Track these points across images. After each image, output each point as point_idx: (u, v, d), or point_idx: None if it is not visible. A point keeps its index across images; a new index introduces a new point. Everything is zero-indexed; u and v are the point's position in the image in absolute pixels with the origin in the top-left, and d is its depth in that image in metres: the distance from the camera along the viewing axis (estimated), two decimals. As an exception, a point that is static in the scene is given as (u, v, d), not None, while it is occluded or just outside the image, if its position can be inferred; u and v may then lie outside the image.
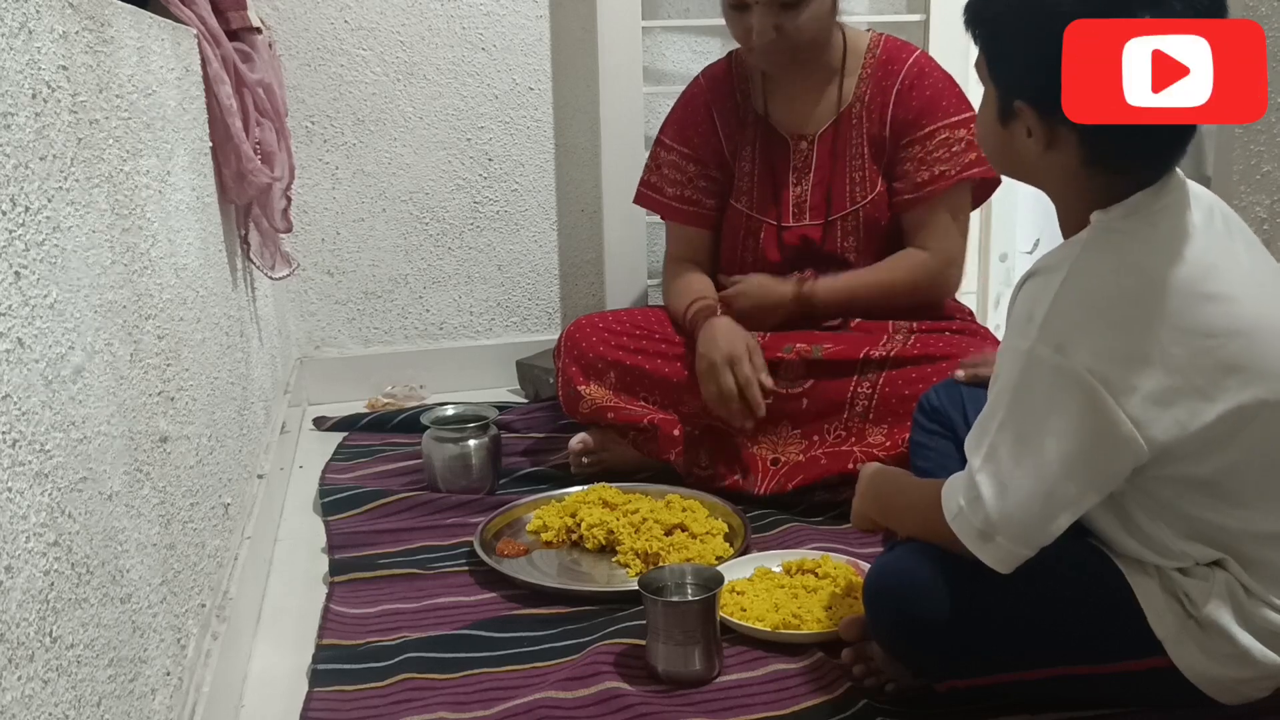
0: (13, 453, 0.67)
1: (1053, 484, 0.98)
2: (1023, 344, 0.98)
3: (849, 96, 1.78)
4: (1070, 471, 0.97)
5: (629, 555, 1.50)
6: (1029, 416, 0.98)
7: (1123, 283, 0.98)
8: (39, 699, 0.68)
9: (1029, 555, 1.01)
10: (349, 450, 1.99)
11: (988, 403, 1.03)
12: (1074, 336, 0.96)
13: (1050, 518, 0.99)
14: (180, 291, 1.17)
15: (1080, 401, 0.96)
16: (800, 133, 1.80)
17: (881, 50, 1.78)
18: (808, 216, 1.80)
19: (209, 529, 1.21)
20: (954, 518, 1.03)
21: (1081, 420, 0.96)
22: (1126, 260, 0.99)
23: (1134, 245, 0.99)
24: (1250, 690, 1.07)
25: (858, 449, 1.63)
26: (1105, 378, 0.95)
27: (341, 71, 2.21)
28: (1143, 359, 0.96)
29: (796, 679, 1.22)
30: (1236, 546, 1.03)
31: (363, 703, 1.20)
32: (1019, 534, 0.99)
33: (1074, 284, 0.97)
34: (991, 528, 1.00)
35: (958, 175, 1.71)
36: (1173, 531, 1.03)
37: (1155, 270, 0.98)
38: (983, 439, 1.01)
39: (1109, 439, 0.96)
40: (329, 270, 2.30)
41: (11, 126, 0.72)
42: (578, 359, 1.80)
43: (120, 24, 1.03)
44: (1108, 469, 0.99)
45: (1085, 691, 1.10)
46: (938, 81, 1.75)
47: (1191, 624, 1.03)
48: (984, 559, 1.01)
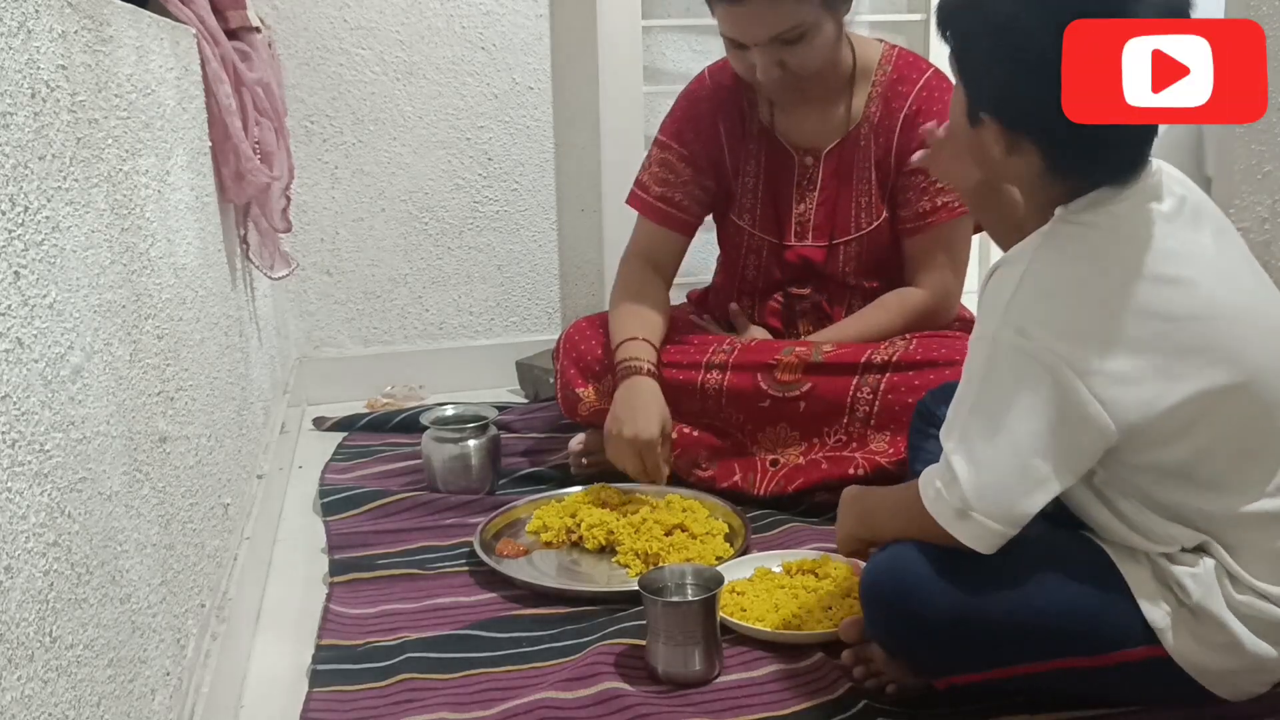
0: (12, 453, 0.67)
1: (1025, 459, 1.00)
2: (989, 330, 1.02)
3: (858, 114, 1.74)
4: (1040, 448, 1.00)
5: (629, 555, 1.50)
6: (998, 398, 1.01)
7: (1081, 268, 1.02)
8: (38, 699, 0.68)
9: (1007, 534, 1.03)
10: (348, 450, 1.99)
11: (959, 389, 1.06)
12: (1037, 320, 1.00)
13: (1025, 493, 1.01)
14: (179, 291, 1.17)
15: (1046, 381, 0.99)
16: (806, 148, 1.76)
17: (893, 67, 1.73)
18: (810, 236, 1.77)
19: (208, 529, 1.21)
20: (932, 501, 1.05)
21: (1048, 399, 0.99)
22: (1086, 247, 1.02)
23: (1093, 234, 1.03)
24: (1246, 683, 1.08)
25: (859, 455, 1.62)
26: (1068, 358, 0.98)
27: (341, 71, 2.21)
28: (1104, 340, 0.99)
29: (797, 679, 1.22)
30: (1218, 530, 1.04)
31: (362, 703, 1.20)
32: (994, 510, 1.01)
33: (1036, 271, 1.02)
34: (967, 505, 1.02)
35: (960, 208, 1.69)
36: (1157, 516, 1.05)
37: (1114, 255, 1.02)
38: (955, 422, 1.05)
39: (1075, 417, 0.99)
40: (328, 270, 2.30)
41: (10, 126, 0.72)
42: (576, 361, 1.80)
43: (119, 23, 1.03)
44: (1077, 447, 1.01)
45: (1084, 686, 1.10)
46: (947, 106, 1.71)
47: (1184, 612, 1.04)
48: (963, 539, 1.03)
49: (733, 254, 1.84)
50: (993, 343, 1.02)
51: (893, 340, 1.68)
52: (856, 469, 1.61)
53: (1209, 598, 1.03)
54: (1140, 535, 1.05)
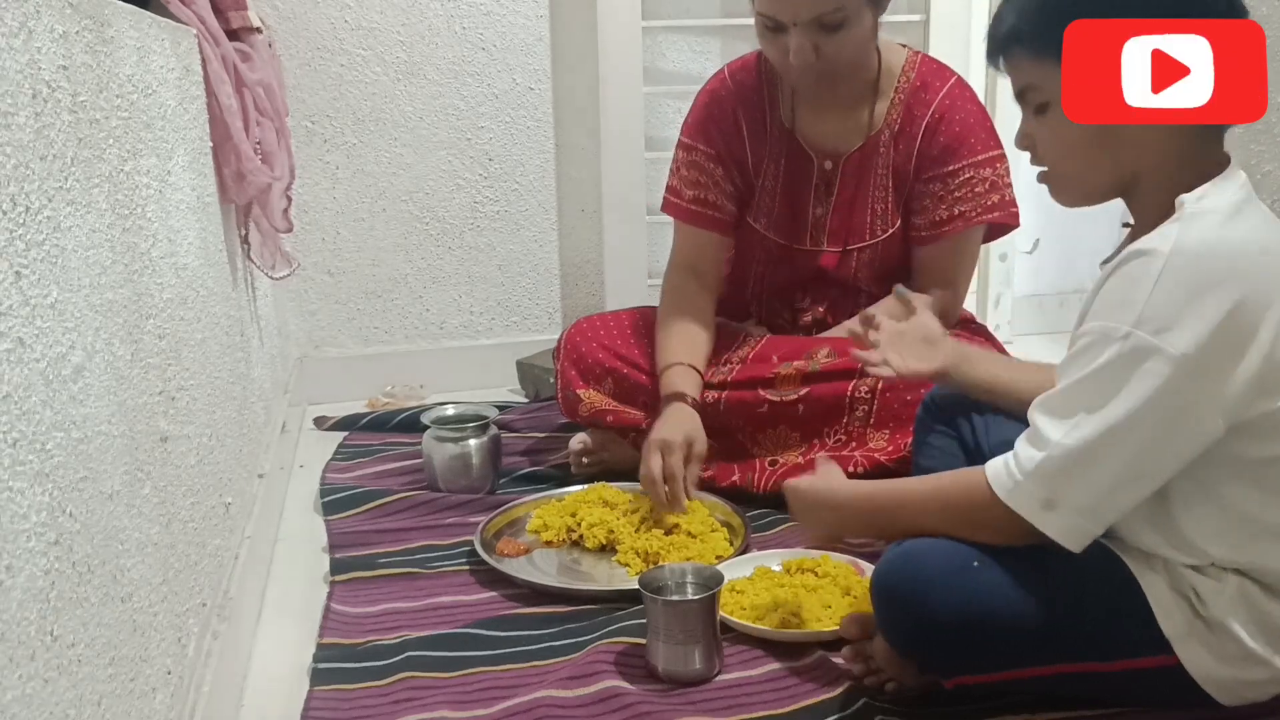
0: (13, 452, 0.67)
1: (1128, 460, 0.98)
2: (1119, 327, 0.96)
3: (879, 120, 1.72)
4: (1146, 450, 0.98)
5: (629, 554, 1.50)
6: (1116, 399, 0.97)
7: (1215, 262, 0.96)
8: (39, 698, 0.68)
9: (1094, 532, 1.02)
10: (349, 450, 1.99)
11: (1069, 380, 1.01)
12: (1176, 320, 0.95)
13: (1118, 491, 1.00)
14: (180, 291, 1.17)
15: (1177, 385, 0.95)
16: (826, 151, 1.74)
17: (916, 74, 1.71)
18: (825, 240, 1.76)
19: (209, 528, 1.21)
20: (1010, 492, 1.02)
21: (1171, 403, 0.96)
22: (1218, 239, 0.97)
23: (1224, 226, 0.98)
24: (1254, 693, 1.07)
25: (859, 454, 1.63)
26: (1203, 363, 0.95)
27: (342, 71, 2.21)
28: (1240, 342, 0.95)
29: (796, 678, 1.22)
30: (1265, 544, 1.03)
31: (363, 701, 1.20)
32: (1085, 504, 1.00)
33: (1173, 264, 0.95)
34: (1056, 496, 1.00)
35: (977, 218, 1.69)
36: (1203, 524, 1.03)
37: (1250, 246, 0.98)
38: (1060, 412, 1.00)
39: (1193, 422, 0.97)
40: (329, 270, 2.31)
41: (12, 126, 0.72)
42: (576, 363, 1.80)
43: (120, 24, 1.03)
44: (1183, 450, 0.99)
45: (1092, 690, 1.10)
46: (968, 116, 1.69)
47: (1199, 624, 1.03)
48: (1048, 531, 1.01)
49: (744, 255, 1.82)
50: (1124, 342, 0.96)
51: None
52: (856, 467, 1.61)
53: (1226, 611, 1.02)
54: (1172, 545, 1.04)
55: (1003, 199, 1.70)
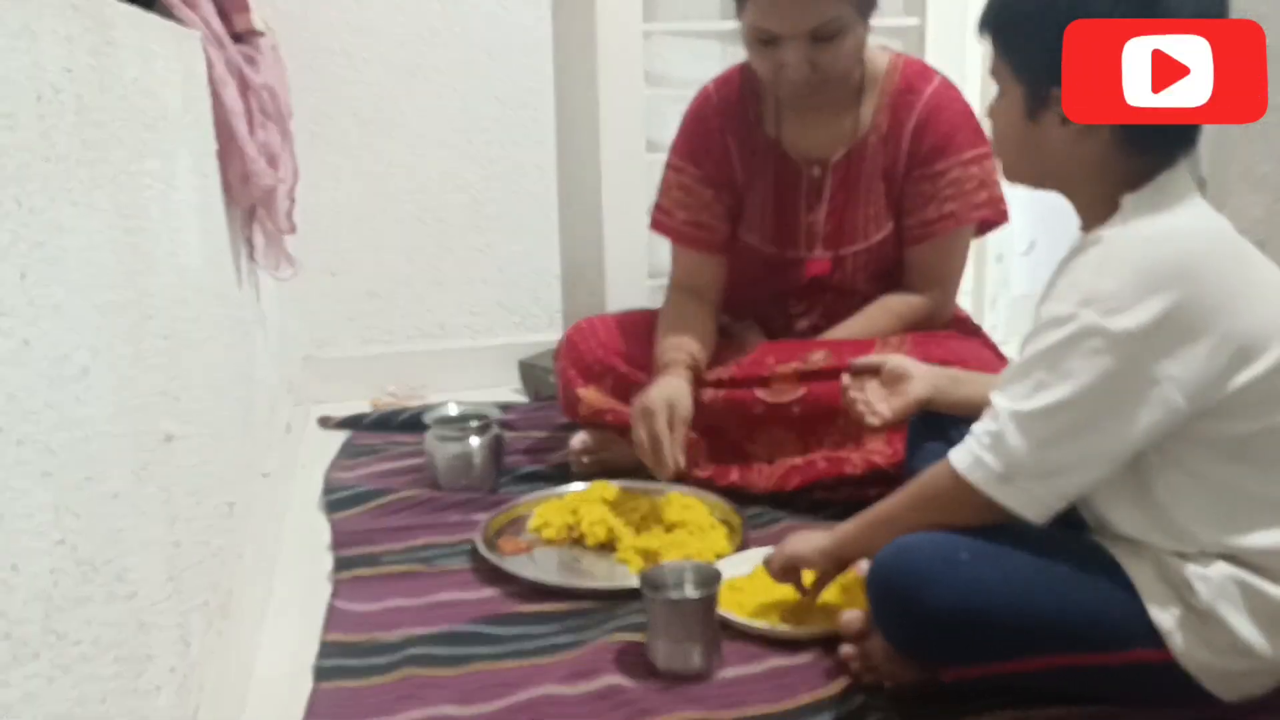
0: (18, 452, 0.68)
1: (1079, 432, 1.01)
2: (1065, 309, 1.01)
3: (866, 124, 1.72)
4: (1098, 424, 1.01)
5: (629, 552, 1.51)
6: (1066, 376, 1.01)
7: (1163, 250, 1.01)
8: (43, 696, 0.68)
9: (1054, 505, 1.04)
10: (352, 449, 2.00)
11: (1021, 359, 1.05)
12: (1119, 302, 0.98)
13: (1075, 464, 1.03)
14: (184, 291, 1.18)
15: (1122, 364, 0.99)
16: (814, 158, 1.74)
17: (900, 76, 1.71)
18: (819, 247, 1.76)
19: (214, 527, 1.22)
20: (970, 468, 1.05)
21: (1118, 379, 0.99)
22: (1168, 229, 1.02)
23: (1171, 218, 1.03)
24: (1250, 685, 1.08)
25: (855, 455, 1.63)
26: (1149, 341, 0.98)
27: (343, 73, 2.22)
28: (1188, 322, 0.98)
29: (795, 675, 1.23)
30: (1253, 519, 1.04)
31: (366, 698, 1.21)
32: (1039, 474, 1.02)
33: (1119, 252, 1.01)
34: (1013, 469, 1.03)
35: (966, 216, 1.70)
36: (1190, 508, 1.04)
37: (1197, 237, 1.02)
38: (1012, 388, 1.04)
39: (1147, 398, 0.99)
40: (332, 270, 2.31)
41: (15, 128, 0.72)
42: (576, 362, 1.81)
43: (124, 26, 1.03)
44: (1142, 425, 1.01)
45: (1089, 684, 1.11)
46: (955, 116, 1.69)
47: (1193, 616, 1.04)
48: (1006, 503, 1.04)
49: (740, 270, 1.81)
50: (1071, 322, 1.00)
51: (887, 340, 1.68)
52: (853, 468, 1.61)
53: (1219, 600, 1.03)
54: (1159, 530, 1.06)
55: (991, 196, 1.70)
